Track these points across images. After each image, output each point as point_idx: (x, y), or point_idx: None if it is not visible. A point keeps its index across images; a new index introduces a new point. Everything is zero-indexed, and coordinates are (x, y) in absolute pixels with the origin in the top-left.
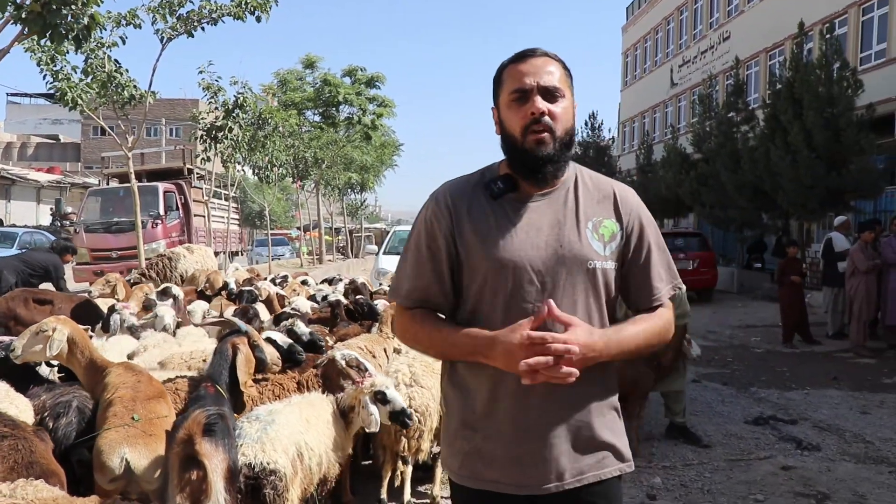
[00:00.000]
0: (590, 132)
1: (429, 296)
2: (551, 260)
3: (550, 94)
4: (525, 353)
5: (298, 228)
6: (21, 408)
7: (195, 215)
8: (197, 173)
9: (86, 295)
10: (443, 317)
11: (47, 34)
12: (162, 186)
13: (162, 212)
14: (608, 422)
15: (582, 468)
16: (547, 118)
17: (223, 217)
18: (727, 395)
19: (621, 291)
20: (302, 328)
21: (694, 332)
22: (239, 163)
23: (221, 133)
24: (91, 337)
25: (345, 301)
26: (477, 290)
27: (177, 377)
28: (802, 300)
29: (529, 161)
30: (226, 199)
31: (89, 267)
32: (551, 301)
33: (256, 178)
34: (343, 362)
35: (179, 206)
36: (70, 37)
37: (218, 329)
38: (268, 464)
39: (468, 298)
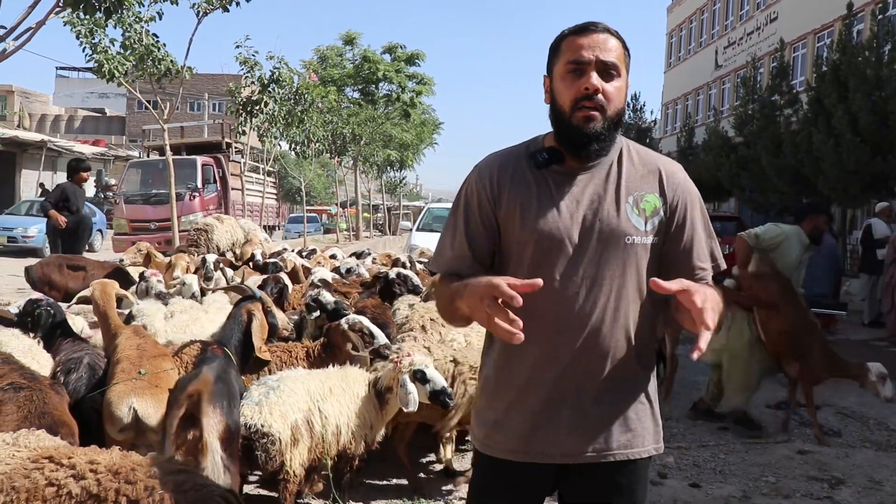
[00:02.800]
0: (632, 113)
1: (465, 266)
2: (588, 234)
3: (607, 71)
4: (488, 292)
5: (337, 205)
6: (42, 363)
7: (232, 189)
8: (235, 148)
9: (118, 262)
10: None
11: (81, 6)
12: (200, 160)
13: (200, 185)
14: (641, 402)
15: (611, 445)
16: (600, 96)
17: (259, 191)
18: None
19: (661, 269)
20: (327, 297)
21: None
22: (276, 137)
23: (257, 107)
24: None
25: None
26: (513, 262)
27: (190, 341)
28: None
29: (576, 136)
30: (263, 174)
31: (128, 237)
32: (657, 280)
33: (294, 153)
34: (346, 325)
35: (217, 179)
36: (101, 8)
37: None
38: (261, 426)
39: (503, 269)
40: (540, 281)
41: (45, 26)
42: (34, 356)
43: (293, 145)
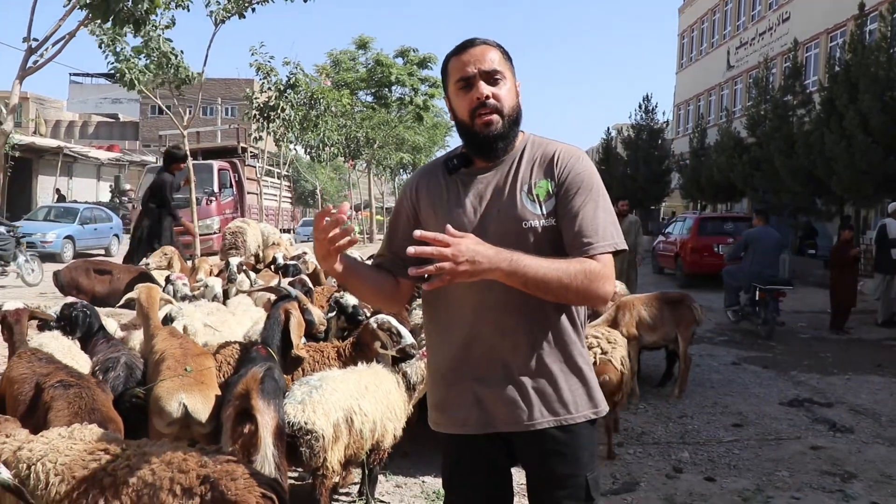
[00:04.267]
0: (643, 115)
1: (386, 260)
2: (492, 224)
3: (492, 78)
4: (319, 241)
5: (350, 208)
6: (81, 363)
7: (248, 193)
8: (251, 152)
9: (143, 267)
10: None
11: (110, 19)
12: (216, 164)
13: (216, 189)
14: (572, 369)
15: (543, 413)
16: (492, 101)
17: (275, 195)
18: (765, 378)
19: (566, 248)
20: (349, 300)
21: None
22: (291, 142)
23: (273, 113)
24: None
25: None
26: None
27: (226, 342)
28: (855, 285)
29: (480, 140)
30: (278, 178)
31: None
32: (448, 226)
33: (309, 157)
34: (375, 325)
35: (233, 183)
36: (130, 21)
37: (267, 297)
38: (305, 423)
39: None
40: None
41: (56, 33)
42: (73, 356)
43: (308, 149)
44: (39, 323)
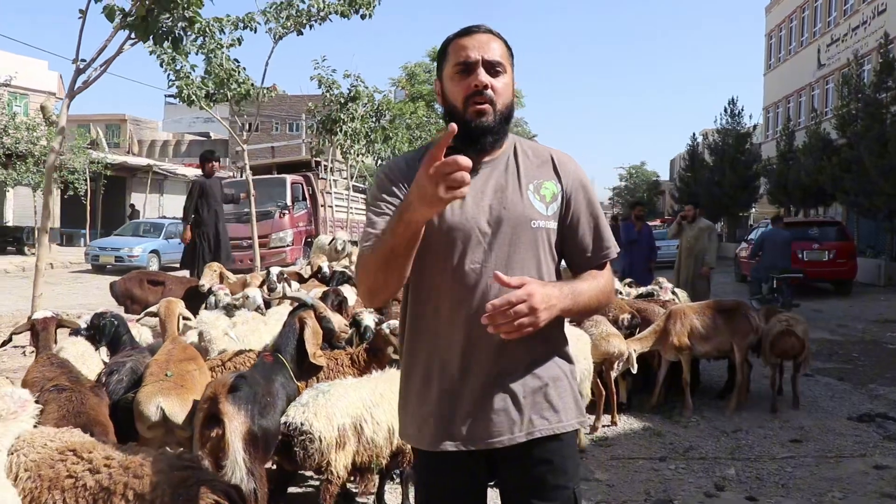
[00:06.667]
0: (729, 119)
1: None
2: (496, 222)
3: (493, 69)
4: (433, 180)
5: None
6: (91, 367)
7: (322, 205)
8: (325, 165)
9: (196, 280)
10: None
11: (150, 38)
12: (289, 178)
13: (289, 202)
14: (560, 379)
15: (534, 423)
16: (489, 91)
17: (346, 207)
18: (838, 391)
19: (563, 252)
20: (367, 320)
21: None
22: (361, 154)
23: (336, 125)
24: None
25: None
26: (425, 258)
27: (240, 350)
28: None
29: (471, 130)
30: (349, 190)
31: None
32: (498, 273)
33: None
34: (388, 330)
35: (307, 196)
36: (169, 39)
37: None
38: (301, 424)
39: (419, 260)
40: (454, 126)
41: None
42: (85, 361)
43: (378, 161)
44: (71, 330)
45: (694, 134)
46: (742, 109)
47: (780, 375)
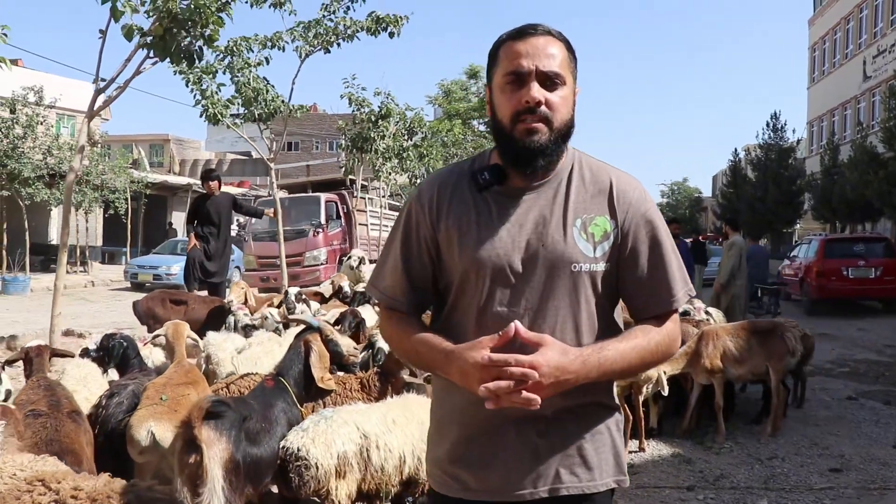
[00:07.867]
0: (771, 133)
1: (401, 295)
2: (532, 261)
3: (550, 81)
4: (482, 374)
5: None
6: (93, 390)
7: (357, 224)
8: (361, 184)
9: (220, 299)
10: (417, 319)
11: (167, 57)
12: (323, 196)
13: (323, 221)
14: (599, 433)
15: (562, 479)
16: (544, 108)
17: (379, 225)
18: (884, 416)
19: (623, 298)
20: (382, 344)
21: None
22: (394, 171)
23: (367, 143)
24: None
25: None
26: (453, 291)
27: (244, 374)
28: None
29: (519, 151)
30: (384, 208)
31: (256, 273)
32: (517, 323)
33: (412, 187)
34: None
35: (342, 215)
36: (185, 57)
37: None
38: (297, 449)
39: (445, 301)
40: (512, 330)
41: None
42: (87, 384)
43: (413, 179)
44: (81, 351)
45: (736, 149)
46: (785, 124)
47: (802, 388)
